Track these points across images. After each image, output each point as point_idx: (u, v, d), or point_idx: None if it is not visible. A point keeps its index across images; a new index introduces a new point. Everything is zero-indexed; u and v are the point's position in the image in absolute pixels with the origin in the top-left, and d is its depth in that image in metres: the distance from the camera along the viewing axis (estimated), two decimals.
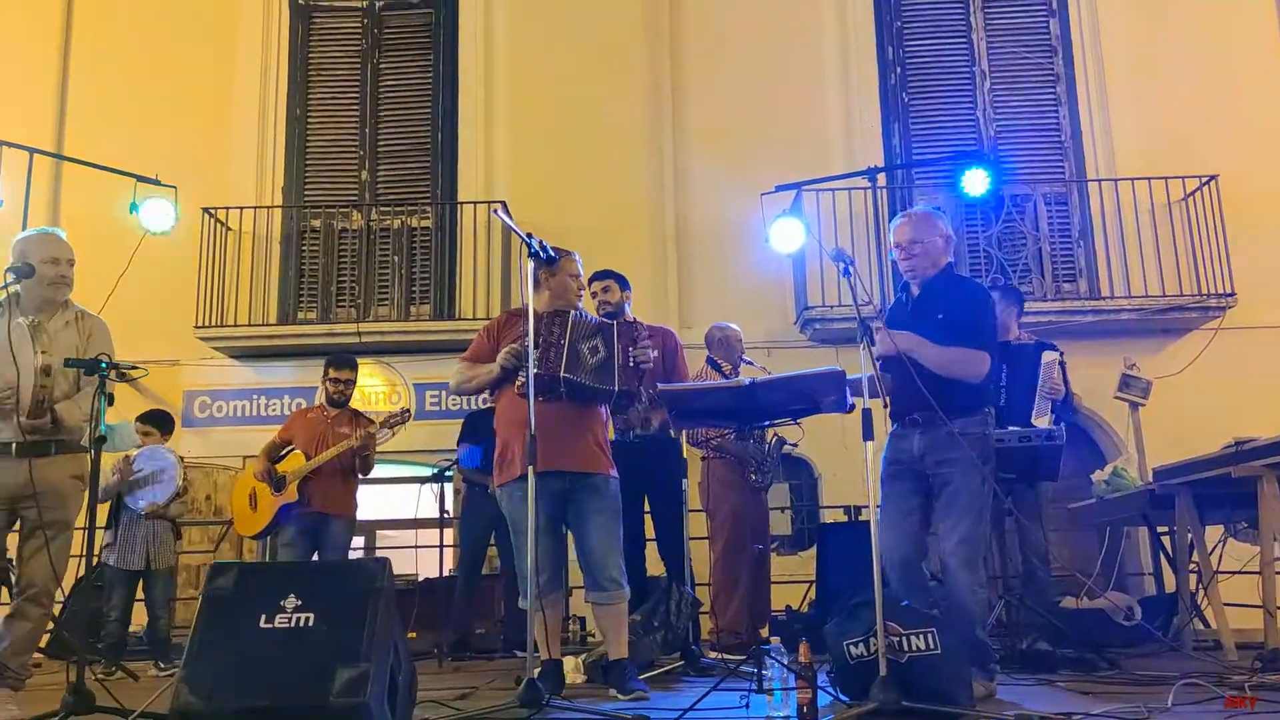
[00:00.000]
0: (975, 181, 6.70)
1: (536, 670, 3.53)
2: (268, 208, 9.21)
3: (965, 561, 3.59)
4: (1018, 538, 5.11)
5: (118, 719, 3.19)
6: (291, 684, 2.48)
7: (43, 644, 4.87)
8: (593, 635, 6.40)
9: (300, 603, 2.59)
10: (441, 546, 6.60)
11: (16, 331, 3.68)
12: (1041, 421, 4.87)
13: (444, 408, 8.87)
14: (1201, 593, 5.37)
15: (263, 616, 2.58)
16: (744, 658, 4.59)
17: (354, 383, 6.06)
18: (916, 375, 3.49)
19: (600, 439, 4.07)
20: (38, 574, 3.72)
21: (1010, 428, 4.76)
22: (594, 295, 5.08)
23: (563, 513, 3.98)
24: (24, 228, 5.71)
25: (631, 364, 3.88)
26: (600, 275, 5.14)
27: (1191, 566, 5.47)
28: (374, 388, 9.00)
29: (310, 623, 2.57)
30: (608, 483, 3.99)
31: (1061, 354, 5.18)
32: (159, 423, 6.26)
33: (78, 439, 3.81)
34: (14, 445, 3.69)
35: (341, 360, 6.06)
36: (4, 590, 4.11)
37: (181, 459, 6.16)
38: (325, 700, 2.47)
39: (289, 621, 2.57)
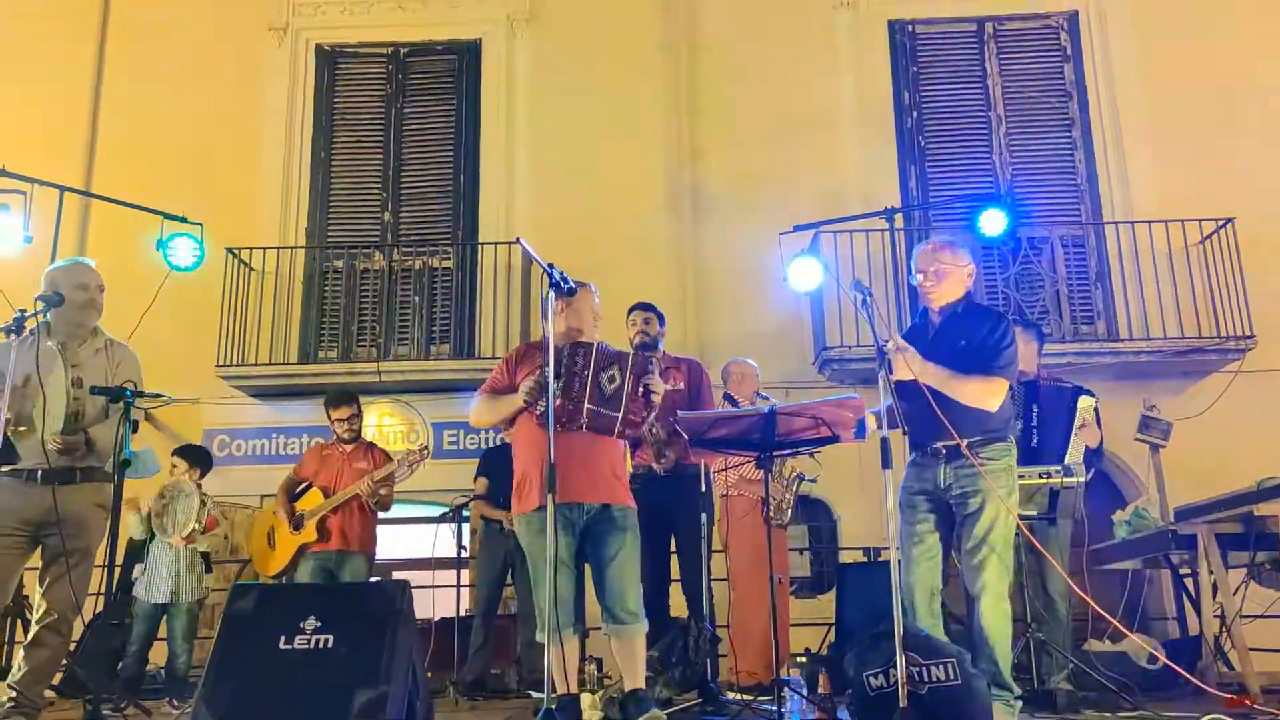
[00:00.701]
0: (992, 222, 6.75)
1: (554, 703, 3.51)
2: (291, 248, 9.33)
3: (991, 593, 3.57)
4: (1039, 576, 5.06)
5: None
6: (310, 704, 2.49)
7: (56, 681, 4.86)
8: (609, 677, 6.35)
9: (320, 624, 2.61)
10: (459, 586, 6.57)
11: (46, 355, 3.73)
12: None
13: (462, 447, 8.90)
14: (1225, 634, 5.29)
15: (282, 637, 2.60)
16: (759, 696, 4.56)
17: (358, 416, 6.00)
18: (936, 404, 3.49)
19: (618, 470, 4.07)
20: (58, 601, 3.74)
21: (1031, 466, 4.73)
22: (632, 324, 5.20)
23: (581, 544, 3.97)
24: (53, 263, 5.81)
25: (640, 394, 3.88)
26: (642, 307, 5.26)
27: (1215, 610, 5.40)
28: (392, 426, 9.04)
29: (330, 644, 2.58)
30: (626, 514, 3.98)
31: (1097, 400, 5.15)
32: (189, 457, 6.28)
33: (104, 465, 3.85)
34: (39, 472, 3.73)
35: (337, 399, 5.99)
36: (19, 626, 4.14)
37: (200, 492, 6.17)
38: None
39: (308, 643, 2.59)
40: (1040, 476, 4.71)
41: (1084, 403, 5.01)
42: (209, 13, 9.92)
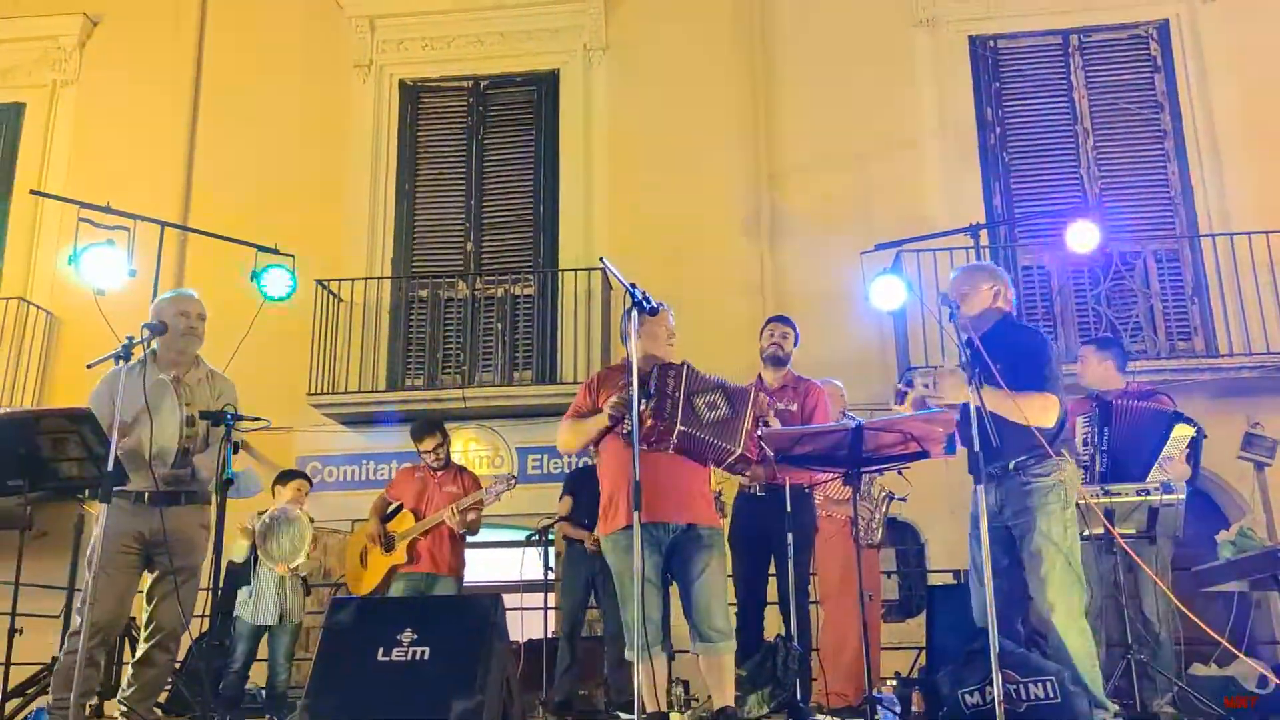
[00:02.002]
0: (1081, 236, 6.61)
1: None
2: (377, 278, 9.56)
3: (1063, 611, 3.48)
4: (1138, 599, 4.90)
5: None
6: (408, 715, 2.53)
7: (161, 699, 5.02)
8: (696, 699, 6.32)
9: (416, 636, 2.66)
10: (546, 608, 6.62)
11: (158, 386, 3.89)
12: None
13: (545, 471, 8.97)
14: None
15: (380, 650, 2.66)
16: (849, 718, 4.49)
17: (444, 444, 6.02)
18: (991, 423, 3.42)
19: (704, 490, 4.08)
20: (166, 619, 3.87)
21: (1123, 484, 4.60)
22: (768, 335, 5.19)
23: (667, 564, 3.98)
24: (154, 295, 6.06)
25: (759, 432, 3.90)
26: (780, 320, 5.28)
27: None
28: (478, 451, 9.17)
29: (426, 656, 2.63)
30: (712, 533, 3.99)
31: (1199, 430, 4.87)
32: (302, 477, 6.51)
33: (206, 490, 3.99)
34: (147, 494, 3.88)
35: (420, 431, 6.02)
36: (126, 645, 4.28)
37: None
38: None
39: (405, 655, 2.64)
40: (1138, 494, 4.57)
41: (1180, 431, 4.75)
42: (297, 53, 10.28)
